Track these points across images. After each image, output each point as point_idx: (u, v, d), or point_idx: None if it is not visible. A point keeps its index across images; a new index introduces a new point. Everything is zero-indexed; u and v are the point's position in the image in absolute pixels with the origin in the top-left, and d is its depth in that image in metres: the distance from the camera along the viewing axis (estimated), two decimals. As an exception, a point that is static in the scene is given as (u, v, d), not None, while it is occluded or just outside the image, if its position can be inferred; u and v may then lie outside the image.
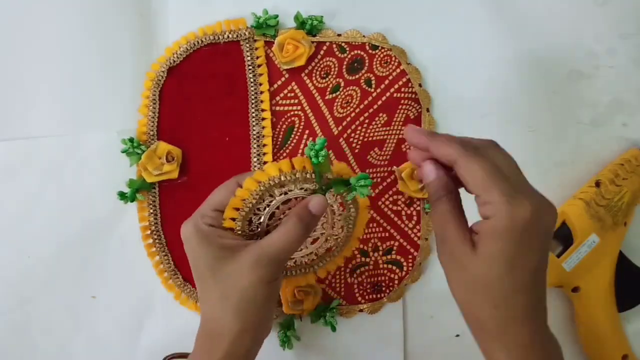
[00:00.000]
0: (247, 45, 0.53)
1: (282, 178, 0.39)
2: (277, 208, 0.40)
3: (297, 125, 0.54)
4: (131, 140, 0.51)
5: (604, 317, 0.53)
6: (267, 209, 0.40)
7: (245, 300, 0.38)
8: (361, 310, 0.54)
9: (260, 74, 0.53)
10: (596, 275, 0.53)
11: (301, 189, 0.39)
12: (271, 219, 0.41)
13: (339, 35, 0.54)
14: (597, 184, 0.53)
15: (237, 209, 0.40)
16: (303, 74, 0.54)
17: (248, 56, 0.53)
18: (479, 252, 0.35)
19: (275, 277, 0.39)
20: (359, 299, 0.54)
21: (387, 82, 0.54)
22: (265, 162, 0.53)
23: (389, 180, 0.54)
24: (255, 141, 0.53)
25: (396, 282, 0.54)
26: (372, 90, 0.54)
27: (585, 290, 0.53)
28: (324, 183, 0.39)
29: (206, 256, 0.39)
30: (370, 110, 0.54)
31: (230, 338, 0.38)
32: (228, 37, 0.53)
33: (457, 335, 0.55)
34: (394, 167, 0.54)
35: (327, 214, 0.43)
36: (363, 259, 0.54)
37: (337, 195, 0.41)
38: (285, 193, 0.40)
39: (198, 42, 0.52)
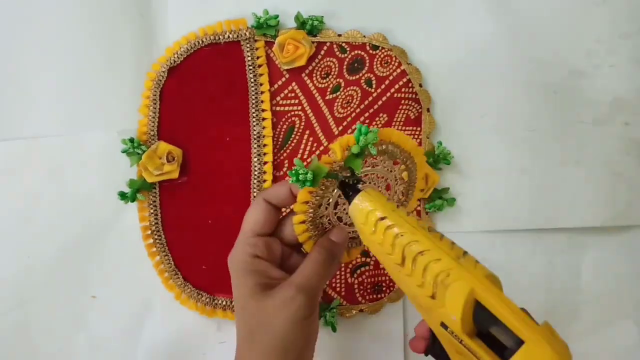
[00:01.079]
0: (248, 45, 0.53)
1: (312, 205, 0.38)
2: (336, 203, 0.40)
3: (297, 126, 0.54)
4: (132, 140, 0.51)
5: None
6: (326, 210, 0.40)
7: (274, 340, 0.37)
8: (361, 310, 0.54)
9: (261, 74, 0.53)
10: None
11: (334, 191, 0.39)
12: (336, 208, 0.41)
13: (340, 35, 0.54)
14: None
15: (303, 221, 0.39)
16: (303, 74, 0.54)
17: (248, 56, 0.53)
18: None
19: (309, 312, 0.37)
20: (359, 299, 0.54)
21: (387, 82, 0.54)
22: (265, 162, 0.53)
23: (389, 180, 0.54)
24: (255, 141, 0.53)
25: (396, 282, 0.54)
26: (373, 90, 0.54)
27: None
28: (342, 176, 0.38)
29: (242, 292, 0.38)
30: (371, 111, 0.54)
31: None
32: (228, 37, 0.53)
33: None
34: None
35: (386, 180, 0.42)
36: (363, 259, 0.54)
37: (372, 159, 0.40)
38: (328, 204, 0.39)
39: (198, 42, 0.52)
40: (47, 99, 0.52)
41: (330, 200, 0.39)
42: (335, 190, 0.39)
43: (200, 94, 0.53)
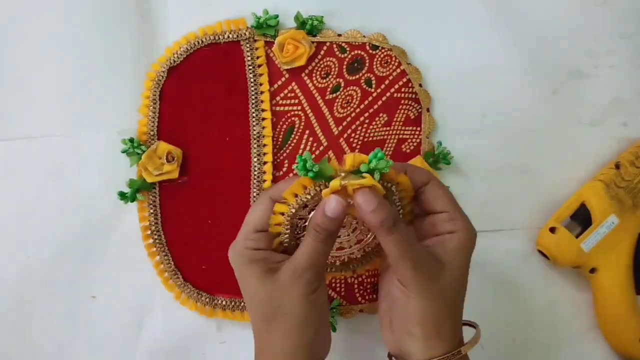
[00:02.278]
0: (248, 45, 0.53)
1: (300, 201, 0.38)
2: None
3: (297, 126, 0.54)
4: (131, 140, 0.51)
5: (621, 299, 0.53)
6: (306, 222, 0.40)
7: (289, 320, 0.38)
8: (361, 311, 0.54)
9: (261, 74, 0.53)
10: (614, 256, 0.53)
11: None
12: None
13: (339, 35, 0.54)
14: (617, 166, 0.54)
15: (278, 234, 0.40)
16: (303, 74, 0.54)
17: (248, 56, 0.53)
18: (449, 264, 0.38)
19: (316, 286, 0.38)
20: (359, 299, 0.54)
21: (387, 82, 0.54)
22: (265, 162, 0.53)
23: (389, 180, 0.54)
24: (255, 141, 0.53)
25: (396, 282, 0.54)
26: (373, 90, 0.54)
27: (603, 271, 0.53)
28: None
29: (249, 281, 0.39)
30: (371, 110, 0.54)
31: None
32: (228, 37, 0.53)
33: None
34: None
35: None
36: (363, 259, 0.54)
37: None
38: (313, 209, 0.39)
39: (198, 42, 0.52)
40: (47, 99, 0.52)
41: (316, 207, 0.39)
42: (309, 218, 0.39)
43: (200, 94, 0.53)
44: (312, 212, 0.39)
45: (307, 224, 0.39)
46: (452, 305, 0.39)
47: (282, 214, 0.39)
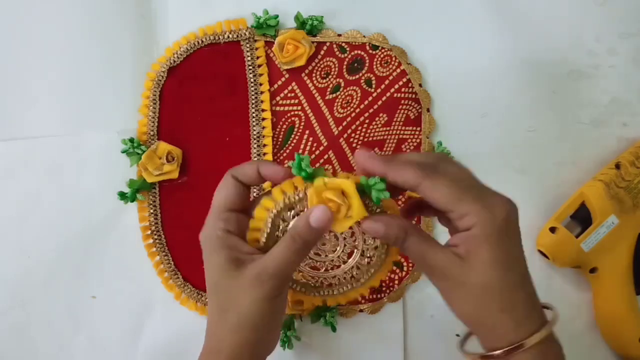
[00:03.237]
0: (248, 45, 0.53)
1: (287, 201, 0.38)
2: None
3: (297, 126, 0.54)
4: (131, 140, 0.51)
5: (621, 299, 0.53)
6: (288, 225, 0.39)
7: (244, 317, 0.37)
8: (361, 310, 0.54)
9: (261, 74, 0.53)
10: (614, 256, 0.53)
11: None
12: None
13: (340, 35, 0.54)
14: (617, 166, 0.54)
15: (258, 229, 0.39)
16: (303, 74, 0.54)
17: (248, 56, 0.53)
18: (472, 263, 0.35)
19: (278, 292, 0.38)
20: (359, 299, 0.54)
21: (387, 82, 0.54)
22: (265, 162, 0.53)
23: (389, 180, 0.54)
24: (255, 141, 0.53)
25: (396, 282, 0.54)
26: (373, 90, 0.54)
27: (603, 271, 0.53)
28: None
29: (214, 268, 0.38)
30: (371, 111, 0.54)
31: (227, 355, 0.38)
32: (228, 37, 0.53)
33: (457, 335, 0.55)
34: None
35: (357, 236, 0.40)
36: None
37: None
38: (297, 214, 0.38)
39: (198, 42, 0.52)
40: (47, 99, 0.52)
41: (301, 212, 0.38)
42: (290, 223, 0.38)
43: (200, 94, 0.53)
44: (296, 218, 0.38)
45: (287, 228, 0.38)
46: (490, 301, 0.35)
47: (267, 209, 0.38)
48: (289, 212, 0.38)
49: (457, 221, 0.35)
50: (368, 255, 0.40)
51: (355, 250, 0.41)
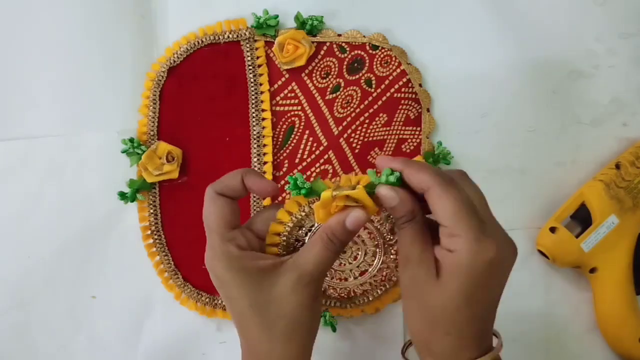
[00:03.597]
0: (248, 45, 0.53)
1: (295, 219, 0.37)
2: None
3: (297, 126, 0.54)
4: (131, 140, 0.51)
5: (621, 299, 0.53)
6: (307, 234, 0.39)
7: (293, 323, 0.36)
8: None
9: (261, 74, 0.53)
10: (614, 256, 0.53)
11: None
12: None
13: (339, 35, 0.54)
14: (617, 166, 0.54)
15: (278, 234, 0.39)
16: (303, 74, 0.54)
17: (248, 56, 0.53)
18: (441, 283, 0.35)
19: (317, 295, 0.37)
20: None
21: (387, 82, 0.54)
22: (265, 163, 0.53)
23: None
24: (255, 141, 0.53)
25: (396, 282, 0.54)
26: (373, 90, 0.54)
27: (603, 271, 0.53)
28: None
29: (244, 288, 0.36)
30: (371, 111, 0.54)
31: None
32: (228, 37, 0.53)
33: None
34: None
35: (376, 235, 0.41)
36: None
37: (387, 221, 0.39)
38: (309, 231, 0.38)
39: (198, 42, 0.52)
40: (47, 99, 0.53)
41: (313, 227, 0.38)
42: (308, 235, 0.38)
43: (200, 94, 0.53)
44: (314, 228, 0.37)
45: (304, 244, 0.38)
46: (440, 325, 0.35)
47: (278, 234, 0.38)
48: (300, 231, 0.38)
49: (445, 238, 0.35)
50: (392, 252, 0.40)
51: (378, 250, 0.41)
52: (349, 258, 0.42)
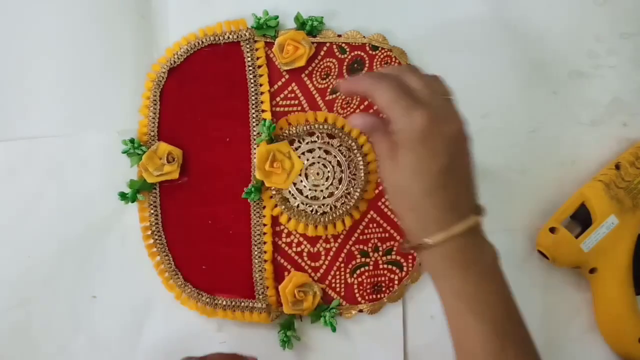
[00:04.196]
0: (248, 46, 0.53)
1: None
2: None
3: (297, 126, 0.54)
4: (132, 140, 0.51)
5: (620, 300, 0.53)
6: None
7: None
8: (361, 311, 0.54)
9: (261, 75, 0.53)
10: (614, 256, 0.53)
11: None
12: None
13: (339, 36, 0.54)
14: (617, 166, 0.54)
15: None
16: (303, 75, 0.54)
17: (248, 57, 0.53)
18: (395, 163, 0.38)
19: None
20: (359, 299, 0.54)
21: (387, 82, 0.54)
22: (265, 163, 0.53)
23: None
24: (255, 142, 0.53)
25: (396, 282, 0.54)
26: (372, 90, 0.54)
27: (603, 271, 0.54)
28: None
29: None
30: (371, 111, 0.54)
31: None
32: (228, 37, 0.53)
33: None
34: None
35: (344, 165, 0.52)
36: (363, 259, 0.54)
37: None
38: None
39: (198, 43, 0.53)
40: (47, 99, 0.53)
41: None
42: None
43: (200, 94, 0.53)
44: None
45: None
46: (401, 201, 0.39)
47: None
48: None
49: (391, 125, 0.38)
50: (354, 184, 0.52)
51: (344, 177, 0.52)
52: (322, 179, 0.52)
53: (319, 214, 0.52)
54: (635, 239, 0.54)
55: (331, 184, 0.52)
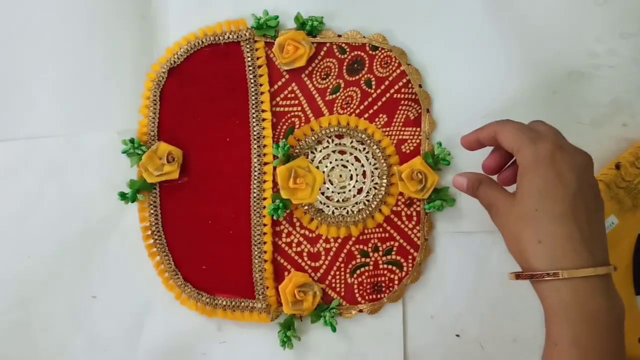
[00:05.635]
0: (248, 46, 0.53)
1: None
2: None
3: (297, 126, 0.54)
4: (132, 140, 0.51)
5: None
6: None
7: None
8: (361, 311, 0.54)
9: (261, 75, 0.53)
10: (614, 257, 0.52)
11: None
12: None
13: (339, 36, 0.54)
14: (617, 167, 0.54)
15: None
16: (303, 75, 0.54)
17: (248, 57, 0.53)
18: (517, 193, 0.39)
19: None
20: (359, 299, 0.54)
21: (387, 82, 0.54)
22: (266, 163, 0.53)
23: (389, 180, 0.55)
24: (255, 142, 0.53)
25: (396, 282, 0.54)
26: (372, 91, 0.54)
27: None
28: None
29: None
30: (370, 111, 0.54)
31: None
32: (228, 37, 0.53)
33: (457, 335, 0.55)
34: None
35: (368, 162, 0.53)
36: (363, 259, 0.54)
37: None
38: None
39: (198, 43, 0.53)
40: (47, 99, 0.53)
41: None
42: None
43: (200, 94, 0.53)
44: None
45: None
46: (526, 230, 0.37)
47: None
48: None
49: (516, 159, 0.40)
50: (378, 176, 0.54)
51: (369, 172, 0.54)
52: (346, 179, 0.54)
53: (355, 212, 0.53)
54: (636, 239, 0.54)
55: (357, 180, 0.54)
